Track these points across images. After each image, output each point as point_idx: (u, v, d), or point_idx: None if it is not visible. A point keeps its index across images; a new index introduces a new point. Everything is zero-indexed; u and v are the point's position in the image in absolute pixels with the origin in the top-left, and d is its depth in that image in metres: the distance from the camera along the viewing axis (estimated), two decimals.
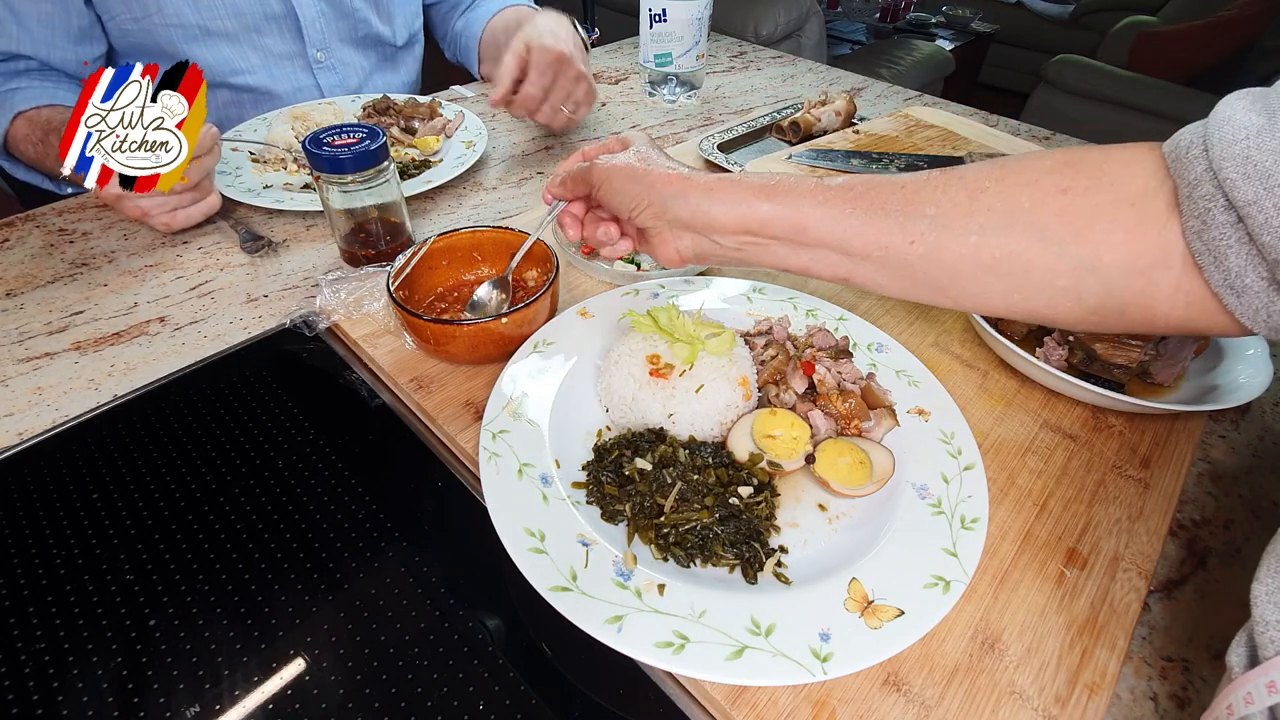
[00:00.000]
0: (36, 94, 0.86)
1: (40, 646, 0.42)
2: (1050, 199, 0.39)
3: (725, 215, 0.47)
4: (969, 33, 3.85)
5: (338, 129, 0.67)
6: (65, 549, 0.48)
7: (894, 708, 0.40)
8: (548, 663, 0.44)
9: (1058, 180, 0.40)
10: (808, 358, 0.56)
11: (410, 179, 0.87)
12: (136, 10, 0.90)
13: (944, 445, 0.52)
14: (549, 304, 0.62)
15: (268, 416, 0.59)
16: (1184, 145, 0.37)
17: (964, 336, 0.68)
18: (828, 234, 0.44)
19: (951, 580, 0.42)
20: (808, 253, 0.46)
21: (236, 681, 0.41)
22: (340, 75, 1.10)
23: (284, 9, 0.98)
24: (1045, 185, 0.40)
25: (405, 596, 0.46)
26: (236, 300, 0.71)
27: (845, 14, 4.25)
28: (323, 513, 0.51)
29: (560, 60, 0.91)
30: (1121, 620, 0.45)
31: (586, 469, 0.51)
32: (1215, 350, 0.62)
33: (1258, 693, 0.29)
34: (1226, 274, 0.36)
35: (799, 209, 0.45)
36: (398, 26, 1.14)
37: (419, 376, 0.60)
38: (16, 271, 0.73)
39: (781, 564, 0.46)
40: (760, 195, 0.46)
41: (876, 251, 0.44)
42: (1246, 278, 0.35)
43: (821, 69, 1.41)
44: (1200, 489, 0.56)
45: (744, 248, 0.48)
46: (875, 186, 0.44)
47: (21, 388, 0.60)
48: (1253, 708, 0.29)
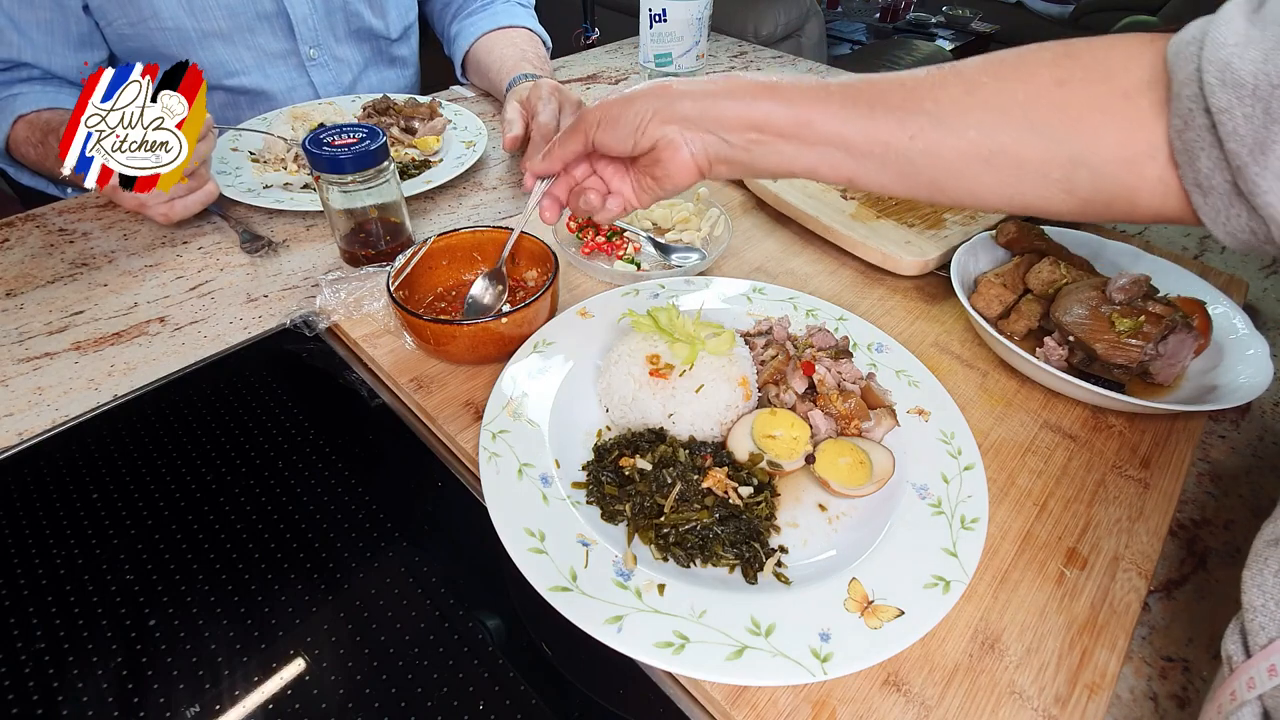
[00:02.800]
0: (37, 98, 0.86)
1: (40, 646, 0.42)
2: (1047, 91, 0.40)
3: (732, 110, 0.46)
4: (969, 33, 3.85)
5: (338, 129, 0.67)
6: (65, 549, 0.48)
7: (894, 708, 0.40)
8: (548, 663, 0.44)
9: (1055, 72, 0.40)
10: (808, 358, 0.56)
11: (410, 179, 0.87)
12: (132, 15, 0.90)
13: (944, 445, 0.52)
14: (549, 304, 0.62)
15: (268, 416, 0.58)
16: (1183, 42, 0.37)
17: (964, 336, 0.68)
18: (831, 130, 0.44)
19: (951, 580, 0.42)
20: (813, 151, 0.46)
21: (236, 681, 0.41)
22: (334, 72, 1.09)
23: (275, 7, 0.98)
24: (1042, 78, 0.40)
25: (405, 596, 0.46)
26: (236, 300, 0.71)
27: (845, 14, 4.25)
28: (323, 513, 0.51)
29: (558, 89, 0.92)
30: (1121, 620, 0.45)
31: (586, 469, 0.51)
32: (1215, 350, 0.62)
33: (1260, 677, 0.29)
34: (1197, 174, 0.36)
35: (803, 104, 0.45)
36: (391, 19, 1.13)
37: (419, 376, 0.60)
38: (16, 271, 0.73)
39: (781, 564, 0.46)
40: (765, 92, 0.46)
41: (878, 148, 0.44)
42: (1214, 179, 0.36)
43: (821, 69, 1.41)
44: (1200, 489, 0.56)
45: (751, 147, 0.47)
46: (876, 84, 0.44)
47: (21, 388, 0.60)
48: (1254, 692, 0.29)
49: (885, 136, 0.43)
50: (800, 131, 0.45)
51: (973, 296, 0.66)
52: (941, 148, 0.42)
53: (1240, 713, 0.30)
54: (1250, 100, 0.32)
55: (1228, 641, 0.33)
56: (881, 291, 0.74)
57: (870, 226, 0.78)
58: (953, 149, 0.42)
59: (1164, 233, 0.88)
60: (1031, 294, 0.66)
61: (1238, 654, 0.32)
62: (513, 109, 0.91)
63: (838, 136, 0.44)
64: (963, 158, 0.42)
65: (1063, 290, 0.64)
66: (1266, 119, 0.32)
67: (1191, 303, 0.65)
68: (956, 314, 0.71)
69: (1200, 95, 0.35)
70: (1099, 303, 0.60)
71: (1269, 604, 0.31)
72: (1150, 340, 0.57)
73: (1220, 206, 0.36)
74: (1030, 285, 0.66)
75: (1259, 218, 0.35)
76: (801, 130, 0.45)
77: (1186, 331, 0.58)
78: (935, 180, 0.44)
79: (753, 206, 0.88)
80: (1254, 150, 0.33)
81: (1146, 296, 0.60)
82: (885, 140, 0.43)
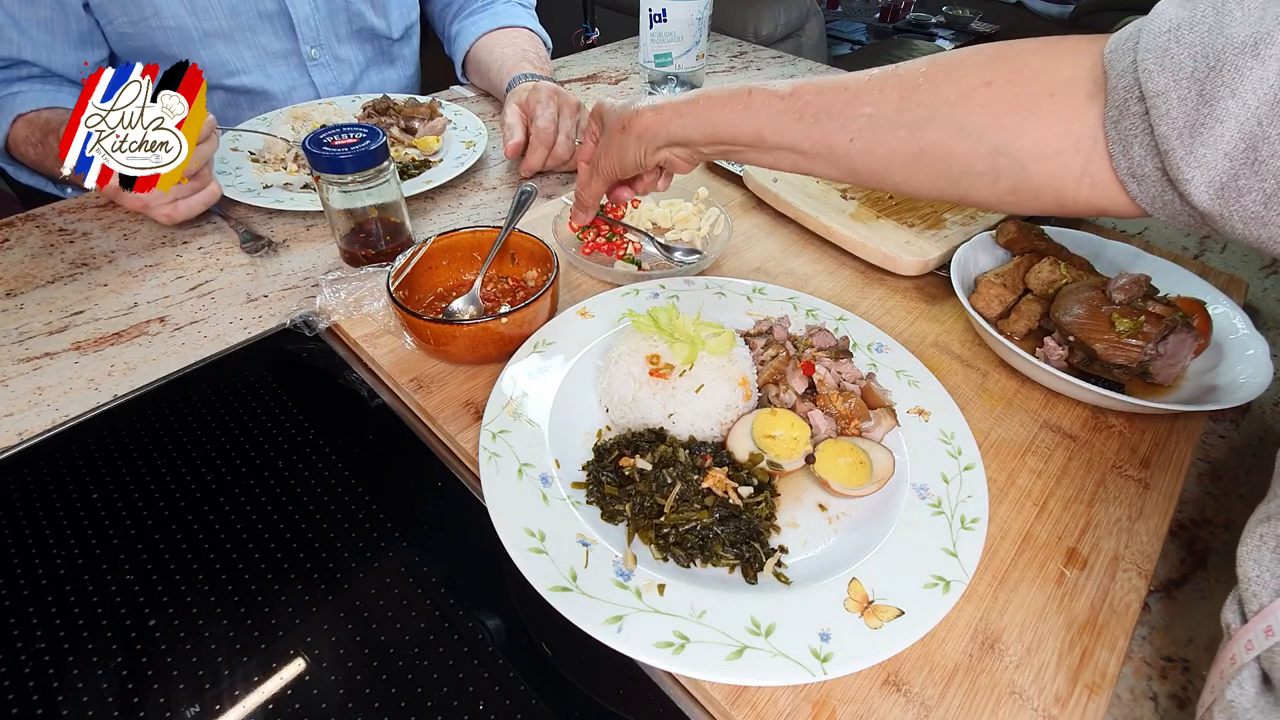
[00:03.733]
0: (37, 97, 0.86)
1: (40, 646, 0.42)
2: (975, 92, 0.43)
3: (697, 133, 0.55)
4: (969, 33, 3.85)
5: (338, 129, 0.67)
6: (65, 549, 0.48)
7: (894, 708, 0.40)
8: (548, 663, 0.44)
9: (984, 74, 0.43)
10: (808, 358, 0.56)
11: (410, 179, 0.87)
12: (133, 14, 0.90)
13: (944, 445, 0.52)
14: (549, 304, 0.62)
15: (268, 416, 0.58)
16: (1122, 37, 0.39)
17: (964, 336, 0.68)
18: (782, 139, 0.51)
19: (951, 580, 0.42)
20: (770, 154, 0.53)
21: (236, 681, 0.41)
22: (335, 72, 1.09)
23: (277, 7, 0.98)
24: (972, 80, 0.44)
25: (405, 596, 0.46)
26: (236, 300, 0.71)
27: (845, 14, 4.25)
28: (323, 513, 0.51)
29: (556, 92, 0.92)
30: (1121, 620, 0.45)
31: (586, 469, 0.51)
32: (1215, 350, 0.62)
33: (1257, 639, 0.31)
34: (1130, 162, 0.38)
35: (755, 120, 0.51)
36: (393, 19, 1.13)
37: (419, 376, 0.60)
38: (16, 271, 0.73)
39: (781, 564, 0.46)
40: (722, 111, 0.53)
41: (824, 150, 0.50)
42: (1145, 166, 0.38)
43: (821, 69, 1.41)
44: (1200, 489, 0.56)
45: (723, 154, 0.57)
46: (822, 92, 0.50)
47: (21, 388, 0.60)
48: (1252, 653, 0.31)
49: (829, 141, 0.49)
50: (757, 142, 0.52)
51: (973, 296, 0.66)
52: (877, 146, 0.47)
53: (1240, 675, 0.31)
54: (1187, 83, 0.34)
55: (1226, 612, 0.34)
56: (881, 291, 0.74)
57: (870, 226, 0.78)
58: (887, 147, 0.47)
59: (1164, 233, 0.88)
60: (1031, 294, 0.66)
61: (1235, 621, 0.33)
62: (512, 113, 0.91)
63: (788, 143, 0.51)
64: (896, 154, 0.47)
65: (1063, 290, 0.64)
66: (1199, 100, 0.33)
67: (1191, 303, 0.65)
68: (956, 314, 0.71)
69: (1136, 84, 0.37)
70: (1099, 303, 0.60)
71: (1263, 574, 0.32)
72: (1150, 340, 0.57)
73: (1155, 192, 0.38)
74: (1030, 285, 0.66)
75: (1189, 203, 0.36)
76: (758, 141, 0.52)
77: (1186, 331, 0.58)
78: (875, 173, 0.49)
79: (753, 206, 0.88)
80: (1183, 133, 0.34)
81: (1146, 296, 0.60)
82: (830, 144, 0.49)
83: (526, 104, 0.92)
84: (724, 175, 0.95)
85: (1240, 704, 0.31)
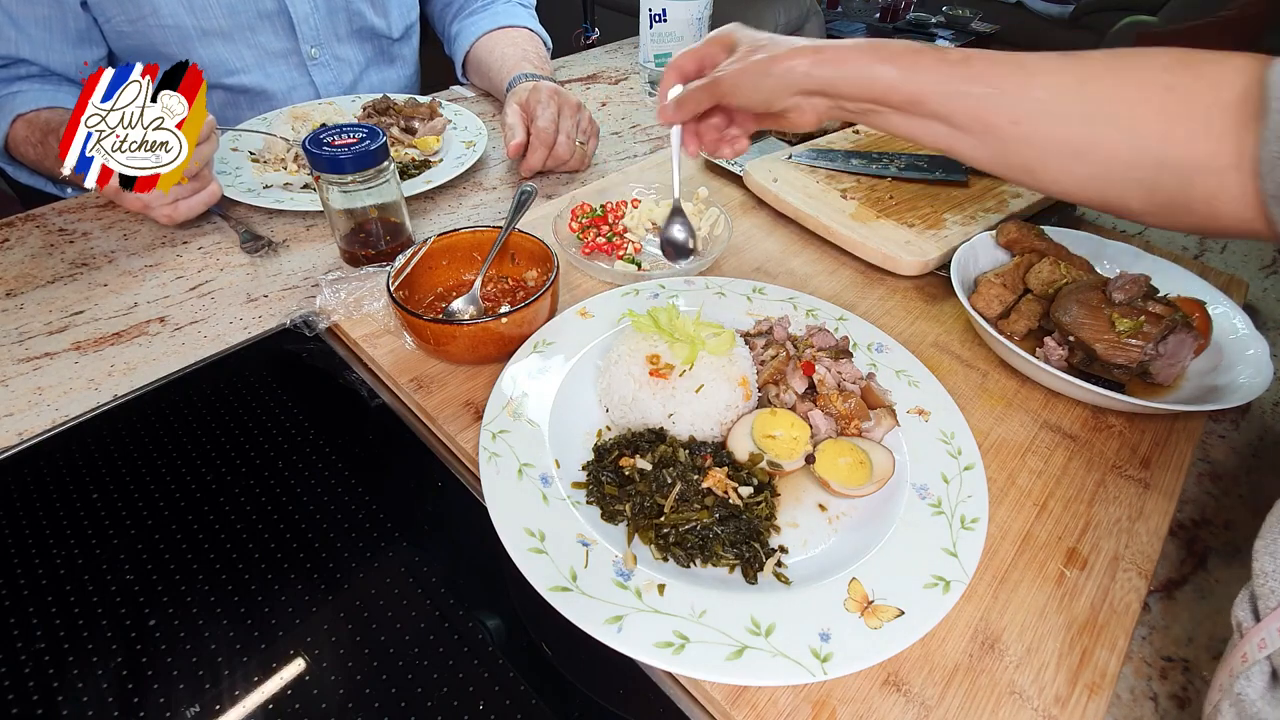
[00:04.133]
0: (36, 96, 0.86)
1: (40, 646, 0.42)
2: (1155, 95, 0.42)
3: (851, 86, 0.50)
4: (969, 33, 3.85)
5: (338, 129, 0.67)
6: (65, 549, 0.48)
7: (894, 708, 0.40)
8: (548, 663, 0.44)
9: (1167, 77, 0.42)
10: (808, 358, 0.56)
11: (410, 179, 0.87)
12: (131, 12, 0.90)
13: (944, 445, 0.52)
14: (549, 304, 0.62)
15: (268, 416, 0.58)
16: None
17: (964, 336, 0.68)
18: (940, 107, 0.48)
19: (951, 580, 0.42)
20: (919, 123, 0.50)
21: (236, 681, 0.41)
22: (335, 72, 1.09)
23: (276, 6, 0.98)
24: (1155, 82, 0.42)
25: (405, 596, 0.46)
26: (236, 300, 0.71)
27: (845, 14, 4.25)
28: (323, 513, 0.51)
29: (556, 92, 0.92)
30: (1121, 620, 0.45)
31: (586, 469, 0.51)
32: (1215, 350, 0.62)
33: (1270, 637, 0.31)
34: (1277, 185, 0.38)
35: (918, 82, 0.48)
36: (394, 19, 1.13)
37: (419, 376, 0.60)
38: (16, 271, 0.73)
39: (781, 564, 0.46)
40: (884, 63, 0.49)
41: (979, 128, 0.47)
42: None
43: None
44: (1200, 489, 0.56)
45: (865, 113, 0.52)
46: (996, 63, 0.47)
47: (21, 388, 0.60)
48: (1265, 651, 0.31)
49: (991, 119, 0.46)
50: (912, 106, 0.49)
51: (973, 296, 0.66)
52: (1040, 136, 0.45)
53: (1250, 672, 0.31)
54: None
55: (1237, 609, 0.34)
56: (881, 291, 0.74)
57: (870, 226, 0.78)
58: (1050, 137, 0.45)
59: (1164, 233, 0.88)
60: (1031, 294, 0.66)
61: (1247, 619, 0.33)
62: (513, 113, 0.91)
63: (945, 113, 0.48)
64: (1058, 146, 0.45)
65: (1063, 290, 0.64)
66: None
67: (1191, 303, 0.65)
68: (956, 314, 0.71)
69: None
70: (1099, 303, 0.60)
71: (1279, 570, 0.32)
72: (1150, 340, 0.57)
73: None
74: (1030, 285, 0.66)
75: None
76: (913, 105, 0.49)
77: (1186, 331, 0.58)
78: (1026, 163, 0.47)
79: (753, 206, 0.88)
80: None
81: (1146, 296, 0.60)
82: (990, 122, 0.47)
83: (527, 104, 0.92)
84: (724, 175, 0.95)
85: (1249, 696, 0.31)
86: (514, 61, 1.07)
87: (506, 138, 0.90)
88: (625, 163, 1.00)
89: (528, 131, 0.90)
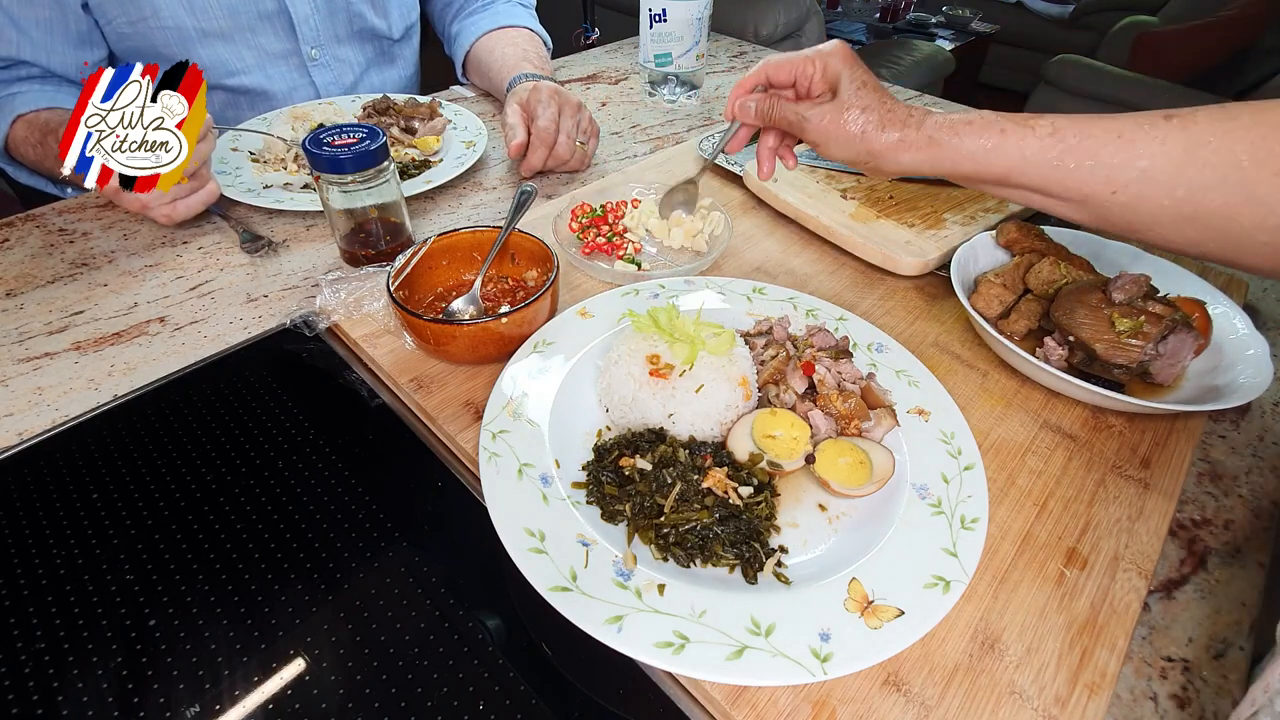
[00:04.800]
0: (36, 97, 0.86)
1: (40, 646, 0.42)
2: (1272, 159, 0.40)
3: (935, 169, 0.51)
4: (969, 33, 3.85)
5: (338, 129, 0.67)
6: (65, 549, 0.48)
7: (894, 708, 0.40)
8: (548, 663, 0.44)
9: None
10: (808, 358, 0.56)
11: (410, 179, 0.87)
12: (132, 13, 0.90)
13: (944, 445, 0.52)
14: (549, 304, 0.62)
15: (268, 416, 0.58)
16: None
17: (964, 336, 0.68)
18: (1030, 181, 0.47)
19: (951, 580, 0.42)
20: (1011, 192, 0.50)
21: (236, 681, 0.41)
22: (335, 72, 1.09)
23: (277, 7, 0.98)
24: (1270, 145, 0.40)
25: (405, 596, 0.46)
26: (236, 300, 0.71)
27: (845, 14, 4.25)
28: (323, 513, 0.51)
29: (556, 92, 0.92)
30: (1121, 620, 0.45)
31: (586, 469, 0.51)
32: (1215, 350, 0.62)
33: None
34: None
35: (1006, 159, 0.48)
36: (394, 19, 1.13)
37: (419, 376, 0.60)
38: (16, 271, 0.73)
39: (781, 564, 0.46)
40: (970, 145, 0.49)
41: (1078, 197, 0.46)
42: None
43: None
44: (1200, 489, 0.56)
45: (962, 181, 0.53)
46: (1089, 136, 0.45)
47: (21, 388, 0.60)
48: None
49: (1088, 190, 0.45)
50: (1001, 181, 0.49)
51: (973, 296, 0.66)
52: (1145, 203, 0.43)
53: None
54: None
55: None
56: (881, 291, 0.74)
57: (870, 226, 0.78)
58: (1157, 204, 0.43)
59: None
60: (1031, 294, 0.66)
61: None
62: (513, 113, 0.91)
63: (1036, 185, 0.47)
64: (1167, 213, 0.43)
65: (1063, 290, 0.64)
66: None
67: (1191, 303, 0.65)
68: (956, 314, 0.71)
69: None
70: (1099, 303, 0.60)
71: None
72: (1150, 340, 0.57)
73: None
74: (1030, 285, 0.66)
75: None
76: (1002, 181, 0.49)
77: (1186, 331, 0.58)
78: (1132, 226, 0.45)
79: (753, 206, 0.88)
80: None
81: (1146, 296, 0.60)
82: (1088, 193, 0.45)
83: (527, 104, 0.92)
84: (724, 175, 0.95)
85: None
86: (514, 61, 1.07)
87: (507, 138, 0.90)
88: (625, 163, 1.00)
89: (528, 131, 0.90)
